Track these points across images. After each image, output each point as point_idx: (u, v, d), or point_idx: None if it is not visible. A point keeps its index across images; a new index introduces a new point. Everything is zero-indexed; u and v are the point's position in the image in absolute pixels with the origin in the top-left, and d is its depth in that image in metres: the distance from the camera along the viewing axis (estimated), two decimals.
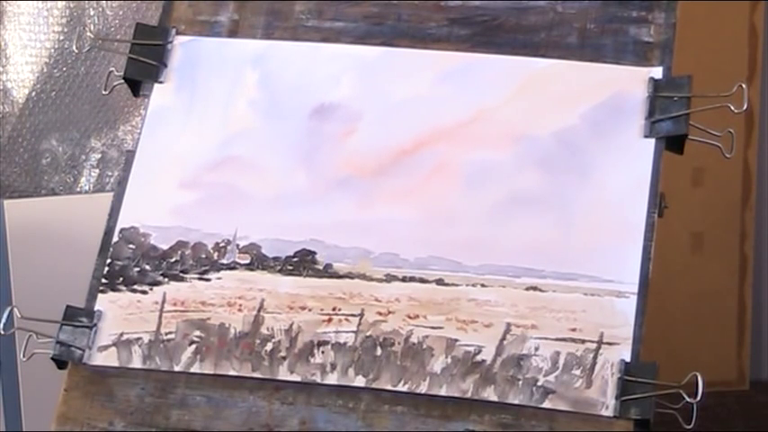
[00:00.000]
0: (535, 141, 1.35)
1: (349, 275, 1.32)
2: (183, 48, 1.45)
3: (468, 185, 1.34)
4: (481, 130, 1.36)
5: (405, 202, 1.34)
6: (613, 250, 1.29)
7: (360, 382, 1.27)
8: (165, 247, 1.36)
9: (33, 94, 2.34)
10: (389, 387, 1.27)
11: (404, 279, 1.31)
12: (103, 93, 1.46)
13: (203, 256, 1.35)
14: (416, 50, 1.41)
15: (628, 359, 1.24)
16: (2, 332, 1.33)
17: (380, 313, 1.30)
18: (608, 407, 1.23)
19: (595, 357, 1.25)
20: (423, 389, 1.26)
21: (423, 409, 1.25)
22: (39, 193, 2.37)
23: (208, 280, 1.35)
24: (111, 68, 1.45)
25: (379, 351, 1.28)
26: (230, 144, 1.40)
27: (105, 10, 2.36)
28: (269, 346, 1.30)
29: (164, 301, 1.34)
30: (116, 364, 1.32)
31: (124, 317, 1.33)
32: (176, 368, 1.30)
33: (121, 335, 1.32)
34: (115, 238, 1.37)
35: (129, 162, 1.41)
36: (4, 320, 1.33)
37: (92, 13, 2.36)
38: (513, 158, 1.34)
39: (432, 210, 1.34)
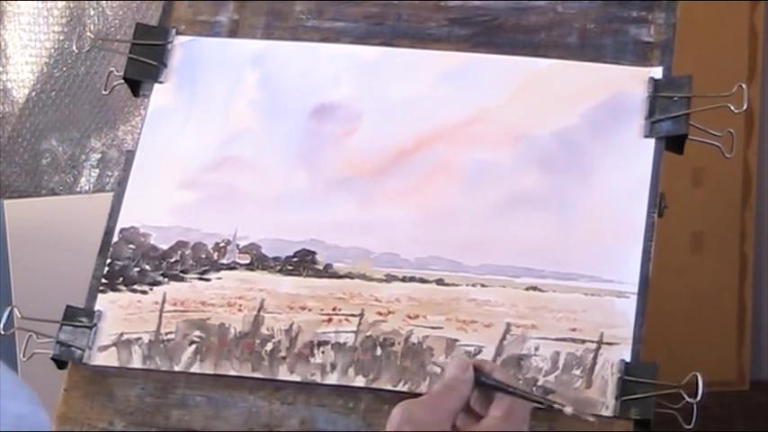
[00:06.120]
0: (535, 141, 1.35)
1: (349, 275, 1.32)
2: (183, 48, 1.45)
3: (469, 185, 1.34)
4: (481, 130, 1.36)
5: (405, 202, 1.34)
6: (613, 250, 1.29)
7: (360, 382, 1.27)
8: (165, 247, 1.36)
9: (33, 94, 2.34)
10: (389, 387, 1.27)
11: (404, 279, 1.31)
12: (103, 93, 1.45)
13: (203, 256, 1.35)
14: (416, 50, 1.41)
15: (628, 359, 1.24)
16: (2, 332, 1.32)
17: (380, 313, 1.30)
18: (608, 407, 1.23)
19: (595, 357, 1.25)
20: (423, 389, 1.25)
21: None
22: (39, 193, 2.37)
23: (208, 280, 1.34)
24: (111, 68, 1.45)
25: (379, 351, 1.28)
26: (230, 144, 1.40)
27: (105, 10, 2.36)
28: (269, 346, 1.30)
29: (164, 301, 1.34)
30: (116, 364, 1.32)
31: (124, 317, 1.33)
32: (176, 368, 1.30)
33: (121, 335, 1.32)
34: (115, 238, 1.37)
35: (129, 162, 1.41)
36: (4, 320, 1.33)
37: (92, 13, 2.36)
38: (513, 158, 1.34)
39: (432, 210, 1.34)
